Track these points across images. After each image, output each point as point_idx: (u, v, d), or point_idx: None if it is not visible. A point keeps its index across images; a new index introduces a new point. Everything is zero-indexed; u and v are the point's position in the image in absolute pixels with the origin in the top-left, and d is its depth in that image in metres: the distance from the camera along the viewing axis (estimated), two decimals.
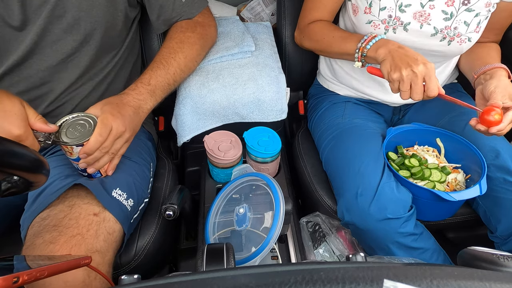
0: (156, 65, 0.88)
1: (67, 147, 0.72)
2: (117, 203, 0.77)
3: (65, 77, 0.86)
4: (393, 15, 0.90)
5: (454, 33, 0.89)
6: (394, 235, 0.84)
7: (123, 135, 0.76)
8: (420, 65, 0.79)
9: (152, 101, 0.86)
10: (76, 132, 0.73)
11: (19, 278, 0.38)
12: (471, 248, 0.41)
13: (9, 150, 0.48)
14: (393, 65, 0.82)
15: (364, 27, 0.95)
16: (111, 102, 0.78)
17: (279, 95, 1.01)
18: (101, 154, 0.74)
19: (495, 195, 0.88)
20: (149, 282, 0.36)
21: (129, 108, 0.79)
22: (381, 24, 0.92)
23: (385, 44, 0.86)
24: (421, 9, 0.88)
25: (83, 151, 0.72)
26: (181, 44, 0.93)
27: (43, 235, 0.69)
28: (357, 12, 0.95)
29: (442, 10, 0.88)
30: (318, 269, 0.34)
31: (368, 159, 0.90)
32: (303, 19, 1.05)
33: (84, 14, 0.80)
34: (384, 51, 0.84)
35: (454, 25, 0.89)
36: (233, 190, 0.86)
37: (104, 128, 0.72)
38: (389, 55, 0.83)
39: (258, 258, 0.71)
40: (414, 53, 0.82)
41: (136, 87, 0.84)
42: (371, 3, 0.91)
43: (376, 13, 0.91)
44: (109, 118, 0.73)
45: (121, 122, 0.75)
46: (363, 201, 0.85)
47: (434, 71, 0.79)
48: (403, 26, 0.90)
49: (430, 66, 0.79)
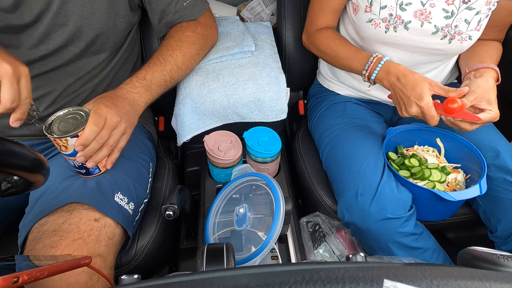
0: (153, 62, 0.88)
1: (61, 141, 0.70)
2: (119, 209, 0.77)
3: (63, 79, 0.85)
4: (393, 13, 0.90)
5: (455, 31, 0.89)
6: (394, 235, 0.84)
7: (119, 126, 0.74)
8: (413, 107, 0.83)
9: (148, 95, 0.84)
10: (69, 125, 0.71)
11: (19, 278, 0.38)
12: (471, 248, 0.41)
13: (9, 150, 0.48)
14: (395, 101, 0.89)
15: (364, 26, 0.95)
16: (104, 96, 0.77)
17: (279, 95, 1.01)
18: (98, 146, 0.72)
19: (495, 195, 0.88)
20: (149, 282, 0.36)
21: (123, 100, 0.78)
22: (381, 23, 0.92)
23: (386, 76, 0.90)
24: (421, 8, 0.88)
25: (79, 143, 0.69)
26: (180, 43, 0.92)
27: (43, 240, 0.68)
28: (357, 11, 0.95)
29: (443, 8, 0.88)
30: (318, 269, 0.34)
31: (368, 159, 0.90)
32: (311, 24, 1.06)
33: (86, 22, 0.80)
34: (387, 84, 0.90)
35: (454, 23, 0.89)
36: (233, 190, 0.86)
37: (98, 117, 0.70)
38: (391, 88, 0.89)
39: (258, 258, 0.71)
40: (409, 88, 0.84)
41: (130, 81, 0.83)
42: (371, 2, 0.91)
43: (376, 11, 0.91)
44: (103, 108, 0.72)
45: (115, 112, 0.73)
46: (363, 201, 0.85)
47: (428, 107, 0.81)
48: (403, 24, 0.90)
49: (424, 103, 0.81)
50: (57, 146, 0.72)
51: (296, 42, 1.19)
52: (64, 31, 0.79)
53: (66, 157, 0.74)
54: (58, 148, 0.73)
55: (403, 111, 0.87)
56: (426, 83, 0.83)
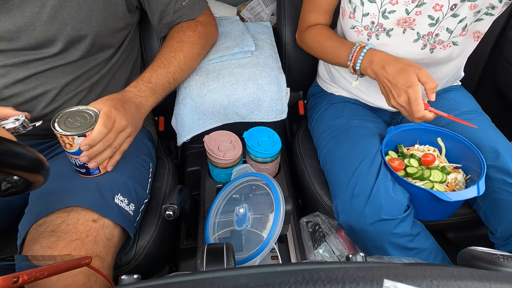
0: (156, 64, 0.88)
1: (68, 138, 0.69)
2: (119, 210, 0.77)
3: (61, 79, 0.85)
4: (375, 21, 0.89)
5: (435, 40, 0.88)
6: (388, 235, 0.84)
7: (126, 129, 0.75)
8: (402, 95, 0.79)
9: (153, 99, 0.85)
10: (77, 123, 0.71)
11: (19, 278, 0.38)
12: (471, 248, 0.41)
13: (9, 150, 0.48)
14: (383, 91, 0.84)
15: (348, 32, 0.95)
16: (113, 98, 0.77)
17: (279, 95, 1.01)
18: (104, 147, 0.72)
19: (495, 196, 0.87)
20: (149, 282, 0.36)
21: (131, 103, 0.79)
22: (363, 30, 0.91)
23: (370, 64, 0.86)
24: (405, 16, 0.86)
25: (86, 142, 0.70)
26: (181, 43, 0.93)
27: (41, 241, 0.68)
28: (344, 16, 0.95)
29: (429, 15, 0.86)
30: (318, 269, 0.34)
31: (364, 161, 0.89)
32: (302, 22, 1.06)
33: (84, 25, 0.80)
34: (372, 74, 0.86)
35: (436, 31, 0.87)
36: (233, 190, 0.86)
37: (108, 119, 0.71)
38: (377, 78, 0.86)
39: (258, 258, 0.71)
40: (395, 74, 0.80)
41: (137, 85, 0.84)
42: (355, 8, 0.90)
43: (359, 18, 0.90)
44: (113, 111, 0.72)
45: (123, 116, 0.74)
46: (358, 203, 0.85)
47: (417, 94, 0.77)
48: (385, 32, 0.89)
49: (412, 90, 0.77)
50: (62, 143, 0.72)
51: (296, 42, 1.18)
52: (62, 35, 0.79)
53: (69, 155, 0.74)
54: (62, 145, 0.72)
55: (391, 100, 0.83)
56: (412, 68, 0.80)
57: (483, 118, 1.03)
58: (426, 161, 0.94)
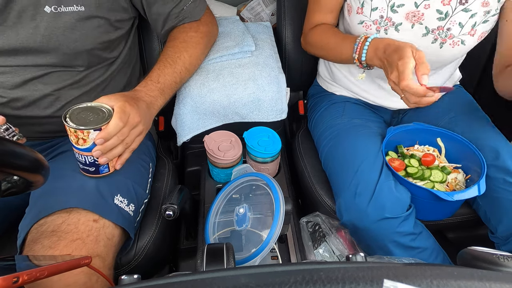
0: (163, 64, 0.88)
1: (82, 133, 0.68)
2: (118, 211, 0.77)
3: (59, 83, 0.85)
4: (384, 15, 0.89)
5: (446, 35, 0.88)
6: (392, 234, 0.84)
7: (138, 126, 0.75)
8: (394, 71, 0.76)
9: (162, 99, 0.86)
10: (90, 118, 0.70)
11: (19, 278, 0.38)
12: (471, 248, 0.41)
13: (9, 150, 0.48)
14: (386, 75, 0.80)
15: (356, 28, 0.94)
16: (126, 95, 0.77)
17: (279, 95, 1.01)
18: (118, 142, 0.72)
19: (495, 195, 0.87)
20: (149, 282, 0.36)
21: (143, 102, 0.79)
22: (372, 25, 0.91)
23: (375, 53, 0.84)
24: (414, 9, 0.87)
25: (101, 136, 0.69)
26: (185, 44, 0.93)
27: (42, 241, 0.68)
28: (350, 12, 0.95)
29: (437, 9, 0.86)
30: (318, 269, 0.34)
31: (366, 159, 0.90)
32: (307, 23, 1.05)
33: (79, 44, 0.81)
34: (378, 62, 0.84)
35: (447, 25, 0.87)
36: (233, 190, 0.86)
37: (123, 114, 0.71)
38: (382, 65, 0.83)
39: (258, 258, 0.71)
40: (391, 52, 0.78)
41: (146, 84, 0.84)
42: (363, 3, 0.90)
43: (367, 13, 0.91)
44: (127, 106, 0.73)
45: (136, 112, 0.74)
46: (361, 201, 0.85)
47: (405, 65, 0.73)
48: (394, 26, 0.89)
49: (401, 62, 0.73)
50: (74, 139, 0.71)
51: (296, 42, 1.18)
52: (58, 53, 0.80)
53: (80, 152, 0.72)
54: (74, 141, 0.71)
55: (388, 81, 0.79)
56: (409, 45, 0.78)
57: (483, 118, 1.03)
58: (426, 161, 0.94)
